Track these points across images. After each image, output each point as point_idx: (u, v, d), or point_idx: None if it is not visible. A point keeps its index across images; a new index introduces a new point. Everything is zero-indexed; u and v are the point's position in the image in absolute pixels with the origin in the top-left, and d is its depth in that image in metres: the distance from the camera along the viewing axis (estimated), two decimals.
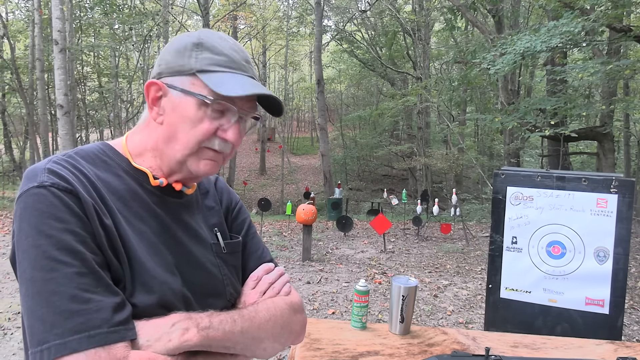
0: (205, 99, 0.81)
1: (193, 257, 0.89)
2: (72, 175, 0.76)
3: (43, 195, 0.72)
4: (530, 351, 1.53)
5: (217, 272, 0.93)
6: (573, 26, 5.60)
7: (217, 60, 0.83)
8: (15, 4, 16.34)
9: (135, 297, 0.76)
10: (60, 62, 8.23)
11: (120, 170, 0.85)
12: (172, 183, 0.90)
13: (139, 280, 0.77)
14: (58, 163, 0.77)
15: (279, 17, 22.61)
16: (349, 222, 8.37)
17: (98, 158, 0.85)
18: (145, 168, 0.88)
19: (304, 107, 35.23)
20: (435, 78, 14.78)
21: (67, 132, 8.40)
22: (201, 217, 0.97)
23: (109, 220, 0.77)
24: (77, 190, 0.74)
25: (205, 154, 0.85)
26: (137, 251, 0.79)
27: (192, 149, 0.83)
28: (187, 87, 0.83)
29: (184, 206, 0.93)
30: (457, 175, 16.63)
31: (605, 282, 2.33)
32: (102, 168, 0.84)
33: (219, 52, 0.84)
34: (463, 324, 4.32)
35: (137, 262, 0.78)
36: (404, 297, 1.61)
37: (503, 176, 2.59)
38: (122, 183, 0.84)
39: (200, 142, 0.83)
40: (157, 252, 0.82)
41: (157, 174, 0.89)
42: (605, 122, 8.82)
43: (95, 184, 0.79)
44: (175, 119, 0.83)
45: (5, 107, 15.45)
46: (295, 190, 20.00)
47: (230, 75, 0.83)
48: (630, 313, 4.55)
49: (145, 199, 0.85)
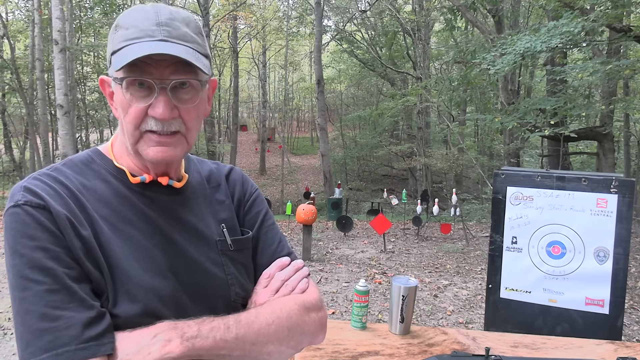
0: (117, 81, 0.77)
1: (190, 258, 0.85)
2: (50, 189, 0.75)
3: (17, 214, 0.72)
4: (530, 351, 1.53)
5: (220, 271, 0.88)
6: (573, 26, 5.60)
7: (126, 35, 0.77)
8: (15, 4, 16.34)
9: (119, 307, 0.74)
10: (60, 62, 8.23)
11: (106, 175, 0.83)
12: (158, 178, 0.85)
13: (122, 290, 0.74)
14: (37, 179, 0.77)
15: (279, 17, 22.59)
16: (349, 222, 8.37)
17: (85, 166, 0.84)
18: (124, 166, 0.85)
19: (304, 107, 35.23)
20: (435, 78, 14.79)
21: (67, 132, 8.40)
22: (209, 212, 0.92)
23: (87, 230, 0.75)
24: (49, 205, 0.72)
25: (150, 140, 0.79)
26: (121, 259, 0.76)
27: (135, 136, 0.79)
28: (112, 74, 0.79)
29: (179, 203, 0.88)
30: (457, 175, 16.62)
31: (605, 282, 2.33)
32: (90, 175, 0.82)
33: (129, 26, 0.77)
34: (463, 324, 4.32)
35: (120, 271, 0.75)
36: (404, 297, 1.61)
37: (503, 176, 2.59)
38: (109, 188, 0.82)
39: (137, 127, 0.78)
40: (147, 257, 0.79)
41: (139, 172, 0.85)
42: (605, 122, 8.82)
43: (76, 195, 0.77)
44: (119, 109, 0.81)
45: (5, 107, 15.44)
46: (295, 190, 20.00)
47: (133, 46, 0.75)
48: (630, 313, 4.55)
49: (133, 202, 0.82)
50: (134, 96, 0.77)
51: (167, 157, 0.80)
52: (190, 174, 0.93)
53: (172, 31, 0.77)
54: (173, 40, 0.76)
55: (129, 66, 0.74)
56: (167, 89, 0.76)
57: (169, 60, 0.76)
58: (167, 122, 0.78)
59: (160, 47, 0.74)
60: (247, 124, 35.32)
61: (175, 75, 0.77)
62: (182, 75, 0.77)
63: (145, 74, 0.75)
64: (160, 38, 0.76)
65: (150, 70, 0.75)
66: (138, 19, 0.77)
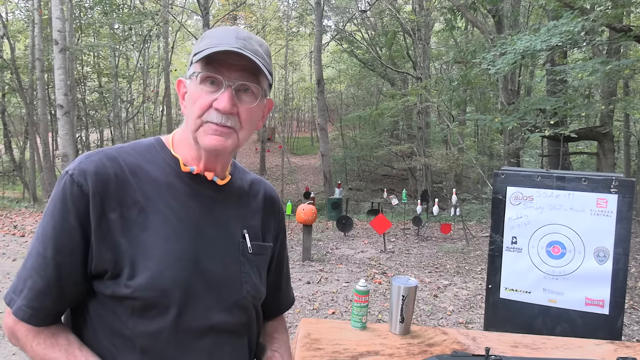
0: (194, 75, 0.90)
1: (214, 250, 0.94)
2: (102, 167, 0.88)
3: (62, 181, 0.87)
4: (530, 351, 1.53)
5: (237, 268, 0.97)
6: (573, 26, 5.60)
7: (210, 42, 0.88)
8: (15, 4, 16.32)
9: (136, 279, 0.85)
10: (60, 62, 8.23)
11: (161, 161, 0.95)
12: (204, 172, 0.95)
13: (142, 264, 0.86)
14: (99, 154, 0.90)
15: (279, 17, 22.60)
16: (349, 222, 8.37)
17: (147, 150, 0.96)
18: (179, 155, 0.96)
19: (304, 107, 35.20)
20: (435, 78, 14.77)
21: (67, 132, 8.40)
22: (240, 215, 1.02)
23: (116, 213, 0.87)
24: (88, 186, 0.85)
25: (209, 128, 0.89)
26: (151, 237, 0.87)
27: (196, 124, 0.90)
28: (189, 72, 0.92)
29: (217, 200, 0.98)
30: (457, 175, 16.62)
31: (605, 283, 2.32)
32: (148, 159, 0.94)
33: (213, 36, 0.90)
34: (463, 324, 4.32)
35: (146, 248, 0.87)
36: (404, 297, 1.61)
37: (503, 176, 2.59)
38: (162, 172, 0.93)
39: (199, 116, 0.89)
40: (176, 240, 0.90)
41: (191, 162, 0.96)
42: (605, 122, 8.81)
43: (126, 175, 0.89)
44: (188, 102, 0.92)
45: (5, 107, 15.41)
46: (295, 190, 19.99)
47: (213, 48, 0.87)
48: (630, 313, 4.55)
49: (179, 189, 0.93)
50: (204, 90, 0.89)
51: (219, 145, 0.89)
52: (234, 177, 1.04)
53: (247, 45, 0.89)
54: (247, 52, 0.88)
55: (206, 64, 0.87)
56: (232, 87, 0.88)
57: (239, 66, 0.88)
58: (226, 116, 0.88)
59: (236, 49, 0.86)
60: None
61: (242, 79, 0.89)
62: (247, 81, 0.89)
63: (217, 72, 0.88)
64: (237, 47, 0.87)
65: (222, 71, 0.88)
66: (222, 33, 0.91)
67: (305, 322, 1.68)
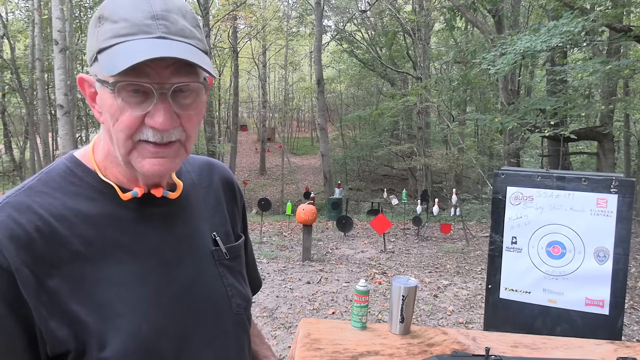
0: (107, 85, 0.65)
1: (187, 277, 0.78)
2: (13, 228, 0.65)
3: None
4: (530, 351, 1.53)
5: (219, 283, 0.83)
6: (573, 26, 5.60)
7: (115, 29, 0.64)
8: (15, 4, 16.33)
9: (109, 349, 0.67)
10: (60, 62, 8.23)
11: (90, 191, 0.73)
12: (150, 190, 0.75)
13: (111, 329, 0.68)
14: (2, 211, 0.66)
15: (279, 17, 22.60)
16: (349, 222, 8.37)
17: (65, 180, 0.72)
18: (111, 181, 0.74)
19: (304, 107, 35.22)
20: (435, 78, 14.78)
21: (67, 132, 8.40)
22: (202, 219, 0.85)
23: (56, 278, 0.66)
24: (2, 259, 0.63)
25: (145, 151, 0.68)
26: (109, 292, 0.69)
27: (127, 147, 0.67)
28: (98, 74, 0.67)
29: (174, 215, 0.79)
30: (457, 175, 16.62)
31: (605, 283, 2.32)
32: (71, 192, 0.71)
33: (118, 19, 0.65)
34: (463, 324, 4.32)
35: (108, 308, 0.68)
36: (404, 297, 1.61)
37: (503, 176, 2.59)
38: (96, 207, 0.72)
39: (129, 137, 0.67)
40: (141, 281, 0.72)
41: (128, 184, 0.75)
42: (605, 122, 8.82)
43: (51, 225, 0.67)
44: (106, 114, 0.68)
45: (5, 107, 15.44)
46: (295, 190, 20.00)
47: (127, 44, 0.63)
48: (630, 313, 4.55)
49: (124, 221, 0.73)
50: (127, 102, 0.65)
51: (164, 170, 0.69)
52: (183, 177, 0.84)
53: (169, 25, 0.65)
54: (172, 37, 0.65)
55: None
56: (167, 95, 0.65)
57: (168, 60, 0.64)
58: (167, 132, 0.67)
59: (161, 48, 0.63)
60: (247, 124, 35.34)
61: (176, 77, 0.65)
62: (184, 78, 0.66)
63: (141, 77, 0.63)
64: (157, 35, 0.64)
65: (147, 72, 0.63)
66: (128, 9, 0.65)
67: (305, 322, 1.67)
